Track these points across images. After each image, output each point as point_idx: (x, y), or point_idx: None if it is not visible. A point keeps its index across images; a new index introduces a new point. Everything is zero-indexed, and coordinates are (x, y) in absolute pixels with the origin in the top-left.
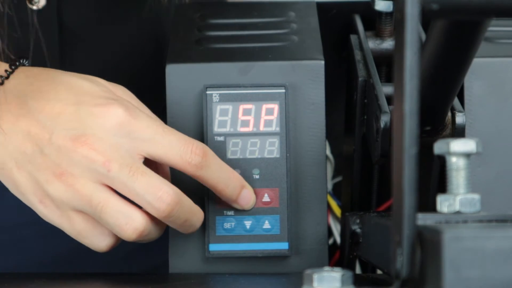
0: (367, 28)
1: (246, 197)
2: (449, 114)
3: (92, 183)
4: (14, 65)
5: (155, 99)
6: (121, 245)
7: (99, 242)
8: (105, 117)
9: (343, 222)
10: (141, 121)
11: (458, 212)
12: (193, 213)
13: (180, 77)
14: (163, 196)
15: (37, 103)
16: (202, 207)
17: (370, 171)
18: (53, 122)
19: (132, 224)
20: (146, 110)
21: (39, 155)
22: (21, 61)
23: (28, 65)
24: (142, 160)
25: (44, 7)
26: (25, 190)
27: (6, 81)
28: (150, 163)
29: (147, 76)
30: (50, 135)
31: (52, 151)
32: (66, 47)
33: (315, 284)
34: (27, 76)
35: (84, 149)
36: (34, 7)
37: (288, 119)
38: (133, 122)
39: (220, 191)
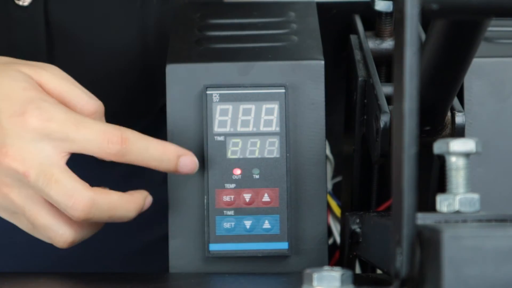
0: (367, 28)
1: (186, 164)
2: (449, 114)
3: (25, 194)
4: None
5: (146, 97)
6: (121, 247)
7: (53, 238)
8: (21, 126)
9: (343, 222)
10: (54, 122)
11: (457, 212)
12: (117, 209)
13: (180, 77)
14: (75, 203)
15: None
16: (202, 206)
17: (370, 171)
18: None
19: (60, 238)
20: (77, 93)
21: None
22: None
23: None
24: (66, 157)
25: (31, 4)
26: None
27: None
28: None
29: (136, 74)
30: None
31: None
32: (53, 44)
33: (314, 283)
34: None
35: (6, 160)
36: (21, 3)
37: (288, 119)
38: (47, 125)
39: (154, 167)
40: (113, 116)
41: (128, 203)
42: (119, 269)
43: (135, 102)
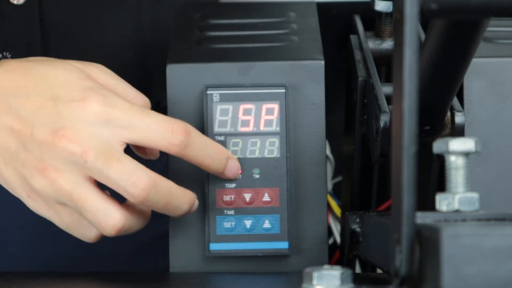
0: (367, 28)
1: (232, 168)
2: (449, 113)
3: (75, 177)
4: None
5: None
6: (121, 247)
7: (88, 233)
8: (82, 110)
9: (343, 221)
10: (118, 109)
11: (457, 211)
12: (174, 196)
13: (180, 77)
14: (136, 181)
15: (16, 99)
16: (203, 206)
17: (370, 171)
18: (34, 117)
19: (110, 222)
20: (123, 85)
21: (22, 150)
22: (3, 54)
23: (10, 57)
24: (124, 146)
25: (25, 2)
26: (14, 185)
27: None
28: (139, 147)
29: (132, 72)
30: (32, 131)
31: (34, 147)
32: (47, 43)
33: (314, 282)
34: (6, 71)
35: (63, 142)
36: (15, 2)
37: (288, 119)
38: (109, 111)
39: (206, 166)
40: None
41: (184, 195)
42: (119, 268)
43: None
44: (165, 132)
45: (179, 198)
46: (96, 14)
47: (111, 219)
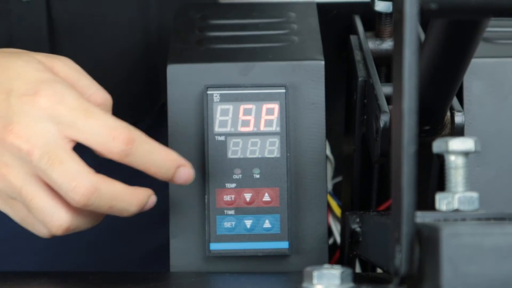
0: (367, 28)
1: (183, 176)
2: (448, 113)
3: (23, 174)
4: None
5: (148, 93)
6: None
7: (41, 229)
8: (31, 105)
9: (343, 221)
10: (65, 106)
11: (456, 210)
12: (119, 199)
13: (181, 77)
14: (77, 186)
15: None
16: (203, 206)
17: (370, 171)
18: None
19: (56, 222)
20: (87, 83)
21: None
22: None
23: None
24: (72, 144)
25: None
26: None
27: None
28: None
29: (139, 69)
30: None
31: None
32: (55, 40)
33: (314, 281)
34: None
35: (11, 138)
36: None
37: (288, 119)
38: (57, 108)
39: (152, 173)
40: (113, 112)
41: (131, 196)
42: (119, 270)
43: (137, 98)
44: (106, 138)
45: (124, 200)
46: (103, 10)
47: (56, 219)
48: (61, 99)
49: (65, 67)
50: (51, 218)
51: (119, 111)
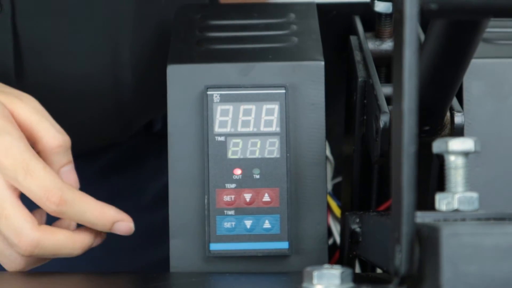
0: (366, 29)
1: (121, 230)
2: (448, 114)
3: None
4: None
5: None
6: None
7: (5, 264)
8: None
9: (343, 222)
10: (10, 160)
11: (456, 210)
12: (62, 248)
13: (181, 78)
14: (20, 242)
15: None
16: (203, 206)
17: (369, 171)
18: None
19: (12, 264)
20: (46, 126)
21: None
22: None
23: None
24: (18, 191)
25: None
26: None
27: None
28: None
29: (108, 92)
30: None
31: None
32: (21, 58)
33: (314, 281)
34: None
35: None
36: None
37: (288, 119)
38: (2, 160)
39: (89, 227)
40: (78, 132)
41: (74, 243)
42: (119, 269)
43: (106, 120)
44: (40, 198)
45: (67, 247)
46: (70, 28)
47: (12, 262)
48: (7, 152)
49: (26, 109)
50: (8, 261)
51: (85, 134)
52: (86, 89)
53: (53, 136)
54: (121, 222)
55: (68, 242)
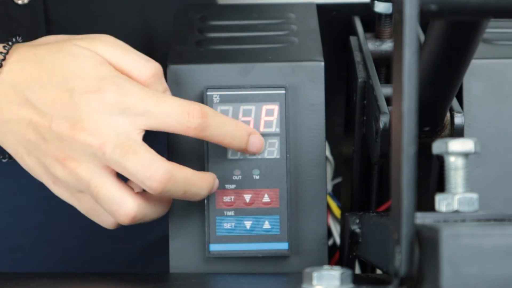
0: (366, 29)
1: (255, 143)
2: (448, 114)
3: (92, 167)
4: (7, 45)
5: None
6: (121, 248)
7: (106, 220)
8: (97, 101)
9: (343, 222)
10: (132, 97)
11: (456, 211)
12: (192, 184)
13: (181, 78)
14: (153, 175)
15: (32, 91)
16: (202, 207)
17: (369, 172)
18: (51, 109)
19: (123, 210)
20: (134, 58)
21: (42, 142)
22: (16, 38)
23: (22, 41)
24: (142, 133)
25: (30, 2)
26: (38, 174)
27: (0, 70)
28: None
29: None
30: (50, 123)
31: (54, 138)
32: None
33: (314, 282)
34: (18, 61)
35: (81, 135)
36: (20, 2)
37: (288, 120)
38: (124, 100)
39: (227, 144)
40: None
41: (202, 180)
42: (119, 270)
43: None
44: (181, 116)
45: (196, 185)
46: (100, 11)
47: (124, 208)
48: (127, 92)
49: (108, 47)
50: (118, 207)
51: None
52: None
53: (144, 66)
54: (255, 135)
55: (197, 178)
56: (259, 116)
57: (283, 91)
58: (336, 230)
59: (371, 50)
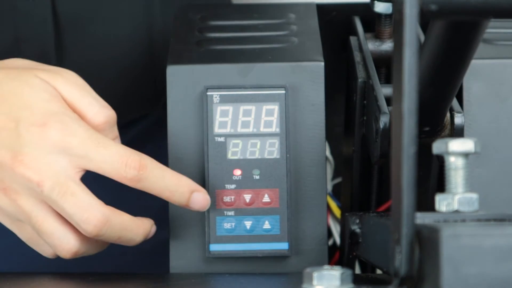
0: (366, 29)
1: (198, 201)
2: (448, 114)
3: (33, 200)
4: None
5: (151, 87)
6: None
7: (46, 250)
8: (40, 136)
9: (343, 222)
10: (75, 138)
11: (456, 211)
12: (128, 230)
13: (180, 78)
14: (89, 217)
15: None
16: None
17: (369, 172)
18: None
19: (65, 246)
20: (90, 101)
21: None
22: None
23: None
24: (81, 173)
25: None
26: None
27: None
28: None
29: (142, 63)
30: None
31: None
32: (61, 36)
33: (314, 282)
34: None
35: (21, 168)
36: None
37: (288, 120)
38: (67, 140)
39: (166, 198)
40: (118, 106)
41: (138, 227)
42: (119, 270)
43: (141, 91)
44: (118, 166)
45: (132, 231)
46: (108, 5)
47: (66, 243)
48: (71, 132)
49: (67, 85)
50: (60, 242)
51: (123, 106)
52: (123, 64)
53: (98, 111)
54: (199, 193)
55: (133, 225)
56: (259, 116)
57: (283, 91)
58: (336, 230)
59: (371, 50)
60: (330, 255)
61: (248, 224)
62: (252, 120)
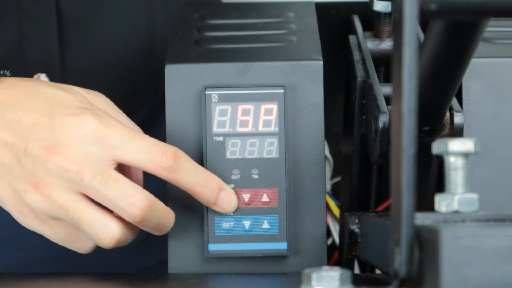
0: (365, 28)
1: (226, 199)
2: (448, 114)
3: (68, 193)
4: None
5: (151, 82)
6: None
7: (83, 245)
8: (77, 126)
9: (342, 222)
10: (112, 129)
11: (456, 212)
12: (165, 216)
13: (179, 78)
14: (136, 201)
15: (14, 114)
16: (201, 206)
17: (368, 171)
18: (29, 132)
19: (109, 233)
20: (121, 116)
21: (16, 165)
22: (1, 72)
23: (10, 75)
24: (115, 166)
25: None
26: (5, 200)
27: None
28: (123, 168)
29: (142, 60)
30: (26, 146)
31: (28, 162)
32: (64, 35)
33: (313, 283)
34: (6, 87)
35: (57, 159)
36: None
37: (287, 119)
38: (103, 130)
39: (196, 193)
40: (118, 103)
41: (171, 215)
42: (118, 270)
43: (141, 87)
44: (155, 155)
45: (168, 218)
46: (111, 4)
47: (109, 230)
48: (107, 123)
49: (102, 102)
50: (104, 230)
51: (123, 104)
52: (123, 59)
53: (129, 121)
54: (227, 192)
55: (168, 212)
56: (258, 115)
57: (282, 90)
58: (335, 229)
59: (370, 49)
60: (329, 254)
61: (247, 223)
62: (250, 119)
